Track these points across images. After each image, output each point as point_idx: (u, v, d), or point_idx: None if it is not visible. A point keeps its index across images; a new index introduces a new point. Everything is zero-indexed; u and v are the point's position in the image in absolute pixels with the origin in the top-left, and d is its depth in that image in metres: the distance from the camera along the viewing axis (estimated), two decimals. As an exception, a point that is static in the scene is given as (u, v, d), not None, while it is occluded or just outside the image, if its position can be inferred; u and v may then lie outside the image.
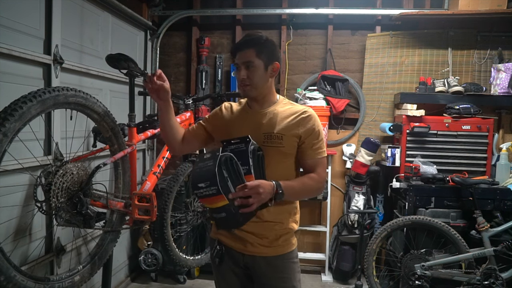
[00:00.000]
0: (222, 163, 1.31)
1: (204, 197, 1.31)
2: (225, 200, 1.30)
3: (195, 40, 3.95)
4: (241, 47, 1.52)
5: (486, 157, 3.25)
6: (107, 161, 1.79)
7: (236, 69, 1.56)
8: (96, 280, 2.57)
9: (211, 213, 1.38)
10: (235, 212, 1.34)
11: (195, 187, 1.32)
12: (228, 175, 1.31)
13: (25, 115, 1.36)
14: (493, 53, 3.53)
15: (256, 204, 1.35)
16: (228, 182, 1.31)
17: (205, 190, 1.30)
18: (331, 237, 3.69)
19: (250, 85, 1.52)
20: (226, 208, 1.32)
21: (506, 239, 2.77)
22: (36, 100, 1.40)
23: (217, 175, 1.27)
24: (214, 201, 1.31)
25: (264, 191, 1.35)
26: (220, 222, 1.39)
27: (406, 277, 2.90)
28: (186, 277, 3.51)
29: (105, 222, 2.01)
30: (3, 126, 1.27)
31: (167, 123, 1.61)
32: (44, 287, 1.52)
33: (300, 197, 1.60)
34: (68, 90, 1.58)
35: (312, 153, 1.55)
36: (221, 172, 1.30)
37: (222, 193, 1.28)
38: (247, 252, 1.56)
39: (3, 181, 1.89)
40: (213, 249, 1.61)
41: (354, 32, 3.85)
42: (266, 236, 1.54)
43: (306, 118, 1.54)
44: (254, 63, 1.50)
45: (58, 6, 2.28)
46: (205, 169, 1.31)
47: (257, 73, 1.51)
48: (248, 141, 1.39)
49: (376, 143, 3.43)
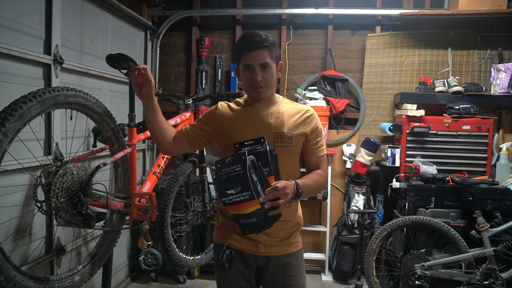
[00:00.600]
0: (251, 167, 1.27)
1: (234, 203, 1.27)
2: (257, 204, 1.27)
3: (195, 40, 3.95)
4: (255, 47, 1.47)
5: (486, 157, 3.25)
6: (107, 161, 1.79)
7: (245, 70, 1.51)
8: (96, 280, 2.57)
9: (239, 219, 1.34)
10: (265, 215, 1.31)
11: (224, 194, 1.28)
12: (257, 178, 1.28)
13: (25, 115, 1.36)
14: (493, 53, 3.53)
15: (284, 204, 1.34)
16: (258, 186, 1.28)
17: (236, 197, 1.26)
18: (331, 237, 3.69)
19: (266, 87, 1.50)
20: (257, 213, 1.29)
21: (506, 239, 2.77)
22: (36, 100, 1.40)
23: (250, 179, 1.24)
24: (246, 207, 1.28)
25: (290, 191, 1.35)
26: (248, 227, 1.35)
27: (406, 277, 2.90)
28: (186, 277, 3.51)
29: (105, 222, 2.01)
30: (3, 126, 1.27)
31: (153, 121, 1.55)
32: (44, 287, 1.52)
33: (312, 194, 1.61)
34: (68, 90, 1.58)
35: (316, 150, 1.59)
36: (251, 176, 1.26)
37: (256, 198, 1.25)
38: (260, 253, 1.55)
39: (3, 181, 1.89)
40: (221, 254, 1.57)
41: (354, 32, 3.85)
42: (278, 235, 1.54)
43: (310, 117, 1.57)
44: (270, 64, 1.48)
45: (58, 6, 2.28)
46: (233, 175, 1.27)
47: (272, 74, 1.51)
48: (264, 141, 1.37)
49: (376, 143, 3.43)
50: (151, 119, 1.55)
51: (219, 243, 1.62)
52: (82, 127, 2.33)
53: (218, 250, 1.61)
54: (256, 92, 1.51)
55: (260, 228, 1.38)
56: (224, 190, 1.28)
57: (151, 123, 1.56)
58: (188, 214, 2.74)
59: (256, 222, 1.32)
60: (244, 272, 1.58)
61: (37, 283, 1.48)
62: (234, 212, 1.34)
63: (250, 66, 1.48)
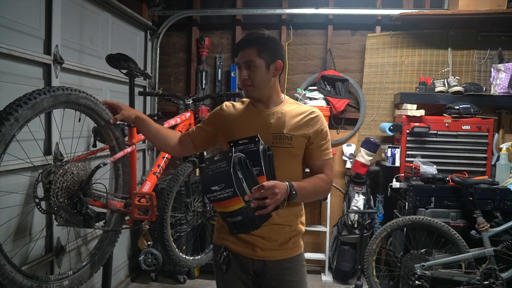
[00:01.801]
0: (236, 164, 1.25)
1: (218, 200, 1.25)
2: (241, 202, 1.24)
3: (195, 40, 3.95)
4: (242, 46, 1.48)
5: (486, 157, 3.25)
6: (107, 161, 1.79)
7: (237, 69, 1.53)
8: (96, 280, 2.57)
9: (225, 217, 1.32)
10: (252, 215, 1.29)
11: (208, 190, 1.26)
12: (243, 176, 1.26)
13: (37, 106, 1.39)
14: (493, 53, 3.53)
15: (273, 205, 1.30)
16: (243, 183, 1.25)
17: (219, 193, 1.24)
18: (331, 237, 3.69)
19: (252, 86, 1.48)
20: (242, 211, 1.26)
21: (506, 239, 2.77)
22: (50, 94, 1.45)
23: (233, 176, 1.22)
24: (229, 204, 1.26)
25: (280, 191, 1.31)
26: (235, 226, 1.32)
27: (406, 277, 2.90)
28: (186, 277, 3.51)
29: (105, 222, 2.01)
30: (16, 111, 1.32)
31: (147, 134, 1.66)
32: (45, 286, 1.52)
33: (310, 198, 1.57)
34: (80, 92, 1.65)
35: (320, 154, 1.53)
36: (236, 173, 1.24)
37: (239, 195, 1.23)
38: (257, 257, 1.52)
39: (4, 181, 1.89)
40: (219, 255, 1.55)
41: (354, 32, 3.85)
42: (275, 239, 1.51)
43: (314, 119, 1.53)
44: (255, 63, 1.46)
45: (58, 6, 2.28)
46: (218, 171, 1.25)
47: (259, 73, 1.47)
48: (258, 140, 1.35)
49: (376, 143, 3.43)
50: (144, 132, 1.66)
51: (217, 244, 1.60)
52: (82, 127, 2.33)
53: (216, 251, 1.60)
54: (245, 91, 1.51)
55: (247, 228, 1.34)
56: (209, 187, 1.26)
57: (146, 136, 1.67)
58: (188, 214, 2.74)
59: (242, 221, 1.29)
60: (242, 276, 1.55)
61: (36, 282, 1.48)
62: (220, 210, 1.33)
63: (238, 64, 1.51)
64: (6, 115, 1.29)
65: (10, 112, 1.30)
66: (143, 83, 3.64)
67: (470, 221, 2.94)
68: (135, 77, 2.19)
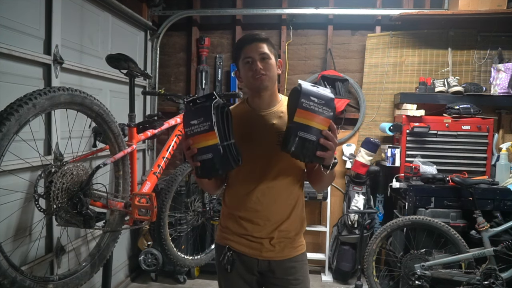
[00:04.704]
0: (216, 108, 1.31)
1: (194, 134, 1.30)
2: (215, 138, 1.29)
3: (195, 40, 3.95)
4: (256, 39, 1.48)
5: (486, 157, 3.25)
6: (107, 161, 1.79)
7: (244, 64, 1.49)
8: (96, 280, 2.57)
9: (197, 155, 1.32)
10: (223, 153, 1.31)
11: (187, 124, 1.31)
12: (216, 120, 1.30)
13: (55, 98, 1.54)
14: (493, 53, 3.53)
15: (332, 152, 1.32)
16: (220, 123, 1.31)
17: (197, 127, 1.29)
18: (331, 237, 3.69)
19: (267, 76, 1.48)
20: (213, 148, 1.29)
21: (506, 239, 2.77)
22: (67, 92, 1.60)
23: (212, 112, 1.28)
24: (204, 138, 1.29)
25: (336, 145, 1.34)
26: (203, 165, 1.32)
27: (406, 277, 2.90)
28: (186, 277, 3.50)
29: (105, 222, 2.01)
30: (35, 99, 1.45)
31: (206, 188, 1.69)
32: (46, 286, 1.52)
33: (330, 181, 1.61)
34: (95, 99, 1.79)
35: None
36: (215, 112, 1.30)
37: (215, 129, 1.28)
38: (262, 257, 1.53)
39: (3, 181, 1.89)
40: (223, 255, 1.55)
41: (354, 32, 3.85)
42: (282, 240, 1.52)
43: None
44: (270, 56, 1.47)
45: (58, 6, 2.28)
46: (199, 107, 1.31)
47: (273, 66, 1.49)
48: (213, 98, 1.34)
49: (376, 143, 3.43)
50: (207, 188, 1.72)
51: (221, 244, 1.60)
52: (82, 127, 2.33)
53: (219, 251, 1.59)
54: (259, 81, 1.47)
55: (213, 169, 1.32)
56: (188, 121, 1.31)
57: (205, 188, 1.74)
58: (188, 214, 2.74)
59: (212, 160, 1.30)
60: (246, 276, 1.56)
61: (37, 282, 1.48)
62: (195, 146, 1.32)
63: (250, 57, 1.47)
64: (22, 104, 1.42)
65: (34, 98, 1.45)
66: (143, 83, 3.64)
67: (470, 221, 2.94)
68: (135, 77, 2.19)
